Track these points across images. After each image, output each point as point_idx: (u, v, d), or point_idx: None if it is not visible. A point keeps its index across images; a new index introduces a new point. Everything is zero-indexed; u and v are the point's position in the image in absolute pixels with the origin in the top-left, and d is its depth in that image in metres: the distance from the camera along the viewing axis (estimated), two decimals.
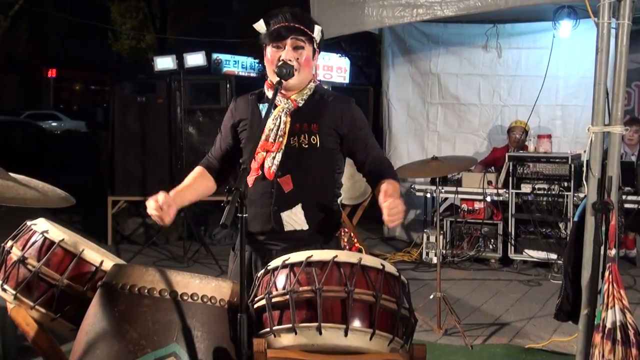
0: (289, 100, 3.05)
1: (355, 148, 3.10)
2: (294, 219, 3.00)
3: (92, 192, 9.97)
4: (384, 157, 3.22)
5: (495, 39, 8.65)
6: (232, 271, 3.12)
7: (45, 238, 2.94)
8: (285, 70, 2.94)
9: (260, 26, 3.08)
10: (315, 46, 3.10)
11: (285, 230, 3.01)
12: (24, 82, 34.75)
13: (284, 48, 3.02)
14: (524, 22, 8.47)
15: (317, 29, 3.08)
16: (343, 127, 3.07)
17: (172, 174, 8.81)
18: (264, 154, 3.01)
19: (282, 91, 3.04)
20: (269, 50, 3.07)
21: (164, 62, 8.14)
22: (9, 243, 3.01)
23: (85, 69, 37.03)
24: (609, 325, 3.47)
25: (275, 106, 3.05)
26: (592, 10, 3.87)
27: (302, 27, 3.02)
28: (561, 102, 8.54)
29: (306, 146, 3.01)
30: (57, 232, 2.97)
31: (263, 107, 3.10)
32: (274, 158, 2.99)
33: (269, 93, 3.10)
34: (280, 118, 3.02)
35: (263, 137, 3.00)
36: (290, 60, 3.00)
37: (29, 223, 3.06)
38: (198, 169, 3.25)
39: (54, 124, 27.98)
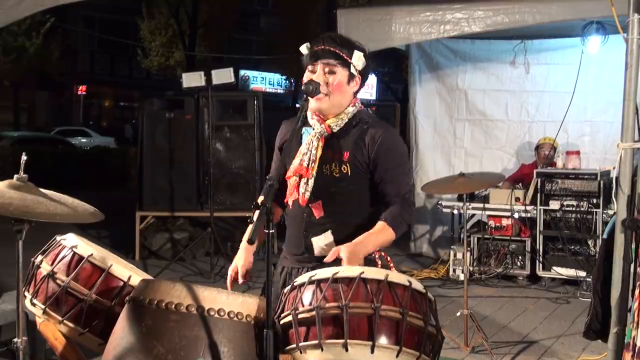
0: (323, 125, 3.05)
1: (375, 174, 3.04)
2: (324, 244, 3.01)
3: (121, 208, 10.05)
4: (399, 196, 3.04)
5: (523, 55, 8.62)
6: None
7: (75, 253, 2.97)
8: (311, 87, 2.94)
9: (304, 48, 3.09)
10: (353, 71, 3.05)
11: (316, 254, 3.02)
12: (54, 99, 35.26)
13: (316, 72, 3.02)
14: (552, 38, 8.44)
15: (357, 54, 3.04)
16: (370, 152, 3.02)
17: (199, 189, 8.85)
18: (297, 178, 3.04)
19: (320, 115, 3.06)
20: (305, 73, 3.07)
21: (192, 79, 8.21)
22: (39, 258, 3.04)
23: (115, 85, 37.50)
24: (639, 344, 3.42)
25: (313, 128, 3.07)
26: (622, 25, 3.84)
27: (336, 51, 3.01)
28: (590, 118, 8.47)
29: (337, 174, 3.02)
30: (86, 247, 3.00)
31: (305, 131, 3.11)
32: (306, 184, 3.02)
33: (310, 119, 3.10)
34: (312, 143, 3.04)
35: (297, 161, 3.03)
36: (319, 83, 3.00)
37: (58, 238, 3.10)
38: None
39: (83, 140, 28.31)
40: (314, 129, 3.06)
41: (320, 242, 3.02)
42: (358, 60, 3.04)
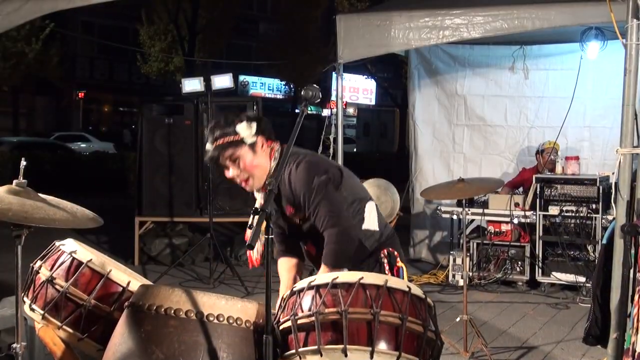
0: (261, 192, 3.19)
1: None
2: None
3: (120, 213, 10.06)
4: (326, 229, 3.07)
5: (522, 61, 8.62)
6: None
7: (74, 258, 2.97)
8: (310, 93, 2.91)
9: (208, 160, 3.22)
10: (248, 141, 3.10)
11: None
12: (53, 104, 35.27)
13: (229, 169, 3.14)
14: (551, 44, 8.45)
15: (240, 127, 3.09)
16: (295, 200, 3.13)
17: (198, 195, 8.85)
18: None
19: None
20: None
21: (192, 84, 8.21)
22: (38, 263, 3.04)
23: (114, 91, 37.51)
24: (638, 349, 3.42)
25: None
26: (620, 31, 3.85)
27: (220, 143, 3.10)
28: (589, 123, 8.48)
29: (300, 222, 3.20)
30: (85, 253, 3.00)
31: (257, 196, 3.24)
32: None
33: (257, 195, 3.23)
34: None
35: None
36: (238, 177, 3.13)
37: (57, 243, 3.10)
38: (284, 263, 3.41)
39: (82, 145, 28.32)
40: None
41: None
42: (245, 130, 3.09)
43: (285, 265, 3.37)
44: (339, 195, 3.14)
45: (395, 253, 3.23)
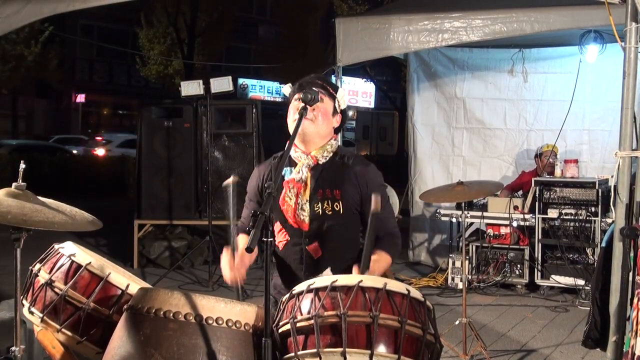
0: (309, 157, 3.13)
1: (366, 210, 3.11)
2: None
3: (119, 216, 10.06)
4: (387, 231, 3.16)
5: (521, 64, 8.63)
6: None
7: (73, 261, 2.97)
8: (309, 96, 2.96)
9: (286, 88, 3.21)
10: (337, 106, 3.17)
11: None
12: (53, 107, 35.28)
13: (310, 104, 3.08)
14: (550, 47, 8.45)
15: (342, 92, 3.18)
16: (361, 189, 3.12)
17: (197, 198, 8.85)
18: (292, 199, 3.11)
19: (302, 147, 3.14)
20: (291, 104, 3.15)
21: (191, 87, 8.22)
22: (37, 266, 3.04)
23: (113, 93, 37.50)
24: (637, 352, 3.42)
25: (296, 163, 3.15)
26: (619, 34, 3.85)
27: (322, 84, 3.13)
28: (588, 126, 8.48)
29: (330, 213, 3.10)
30: (84, 256, 2.99)
31: (286, 171, 3.18)
32: (302, 210, 3.11)
33: (294, 153, 3.16)
34: (302, 172, 3.12)
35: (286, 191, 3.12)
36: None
37: (56, 246, 3.09)
38: (243, 237, 3.43)
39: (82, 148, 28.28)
40: (297, 162, 3.14)
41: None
42: (342, 97, 3.17)
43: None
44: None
45: None
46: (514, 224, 7.73)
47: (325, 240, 3.11)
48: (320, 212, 3.10)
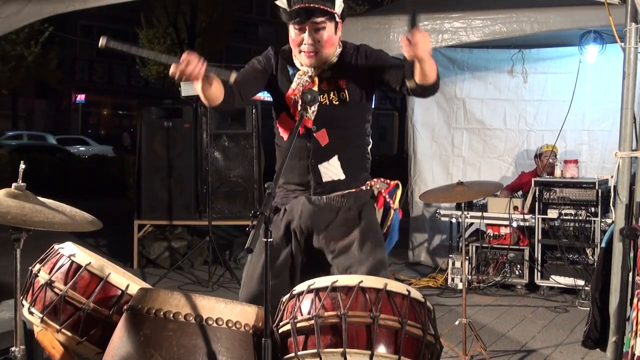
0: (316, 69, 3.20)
1: (376, 75, 3.18)
2: (332, 170, 3.14)
3: (119, 216, 10.06)
4: None
5: (521, 64, 8.63)
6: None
7: (72, 262, 2.97)
8: (309, 97, 2.99)
9: (281, 1, 3.15)
10: (337, 19, 3.19)
11: (324, 181, 3.14)
12: (52, 107, 35.28)
13: (305, 31, 3.10)
14: (549, 47, 8.44)
15: (338, 1, 3.16)
16: (366, 65, 3.19)
17: (197, 198, 8.84)
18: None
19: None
20: (291, 30, 3.17)
21: (191, 88, 8.18)
22: (37, 266, 3.04)
23: (113, 94, 37.51)
24: (637, 353, 3.42)
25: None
26: (619, 35, 3.86)
27: (321, 7, 3.08)
28: (588, 127, 8.47)
29: (337, 102, 3.16)
30: (84, 256, 2.99)
31: (292, 71, 3.26)
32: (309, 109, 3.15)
33: (296, 61, 3.24)
34: (304, 78, 3.18)
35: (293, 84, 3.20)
36: (311, 46, 3.11)
37: (56, 247, 3.09)
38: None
39: (81, 148, 28.31)
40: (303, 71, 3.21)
41: (327, 168, 3.12)
42: (339, 6, 3.17)
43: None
44: None
45: (385, 181, 3.28)
46: (514, 224, 7.73)
47: (332, 128, 3.15)
48: (327, 103, 3.15)
